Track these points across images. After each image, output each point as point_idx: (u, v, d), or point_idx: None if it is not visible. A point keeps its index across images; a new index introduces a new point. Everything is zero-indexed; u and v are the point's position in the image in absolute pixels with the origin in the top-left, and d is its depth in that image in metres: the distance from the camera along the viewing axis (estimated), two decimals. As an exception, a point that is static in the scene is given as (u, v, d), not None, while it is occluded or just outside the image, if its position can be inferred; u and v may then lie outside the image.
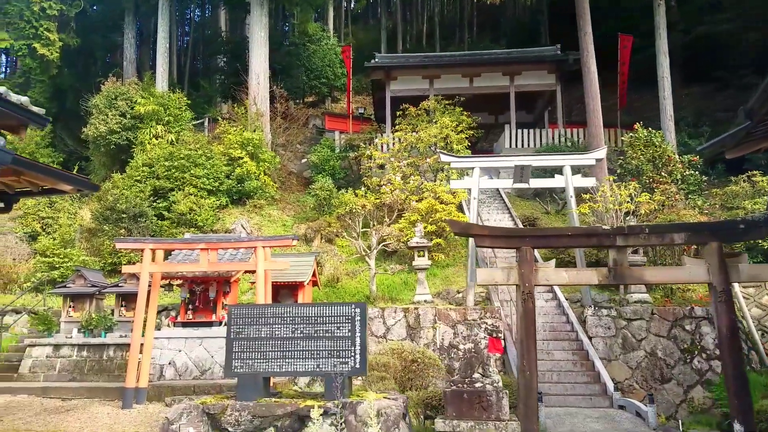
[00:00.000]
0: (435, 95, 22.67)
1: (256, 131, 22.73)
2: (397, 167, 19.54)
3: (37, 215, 19.82)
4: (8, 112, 6.91)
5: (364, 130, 24.84)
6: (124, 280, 14.48)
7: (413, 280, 17.11)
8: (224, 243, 11.85)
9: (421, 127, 20.76)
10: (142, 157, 21.30)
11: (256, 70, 24.32)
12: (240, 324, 8.14)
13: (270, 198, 22.11)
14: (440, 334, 12.54)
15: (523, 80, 25.04)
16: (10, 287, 17.39)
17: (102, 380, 13.26)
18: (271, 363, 7.94)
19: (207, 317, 14.25)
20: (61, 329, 14.30)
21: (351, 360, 7.70)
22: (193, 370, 13.29)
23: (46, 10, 24.88)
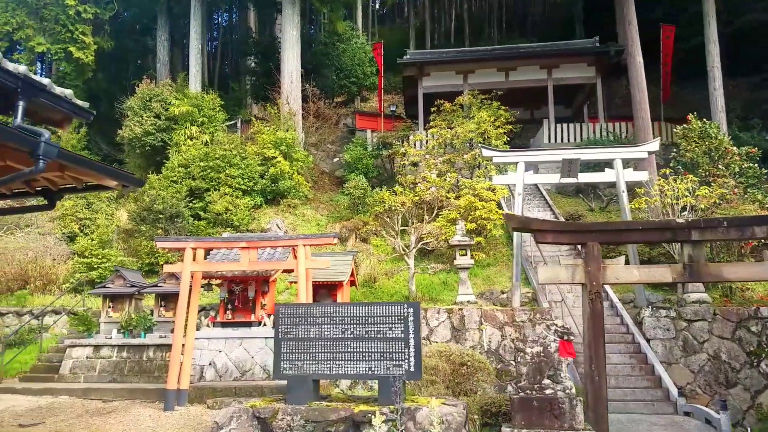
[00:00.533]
0: (469, 91, 22.13)
1: (289, 131, 22.54)
2: (433, 164, 19.07)
3: (75, 216, 19.91)
4: (53, 105, 6.67)
5: (397, 127, 24.43)
6: (164, 280, 14.34)
7: (453, 280, 16.64)
8: (265, 241, 11.56)
9: (457, 123, 20.25)
10: (177, 158, 21.29)
11: (289, 69, 24.12)
12: (288, 324, 7.81)
13: (303, 197, 21.88)
14: (487, 336, 12.04)
15: (562, 73, 24.31)
16: (50, 288, 17.45)
17: (142, 381, 13.11)
18: (321, 365, 7.59)
19: (246, 317, 14.02)
20: (101, 330, 14.21)
21: (405, 363, 7.30)
22: (233, 371, 13.04)
23: (81, 14, 25.11)
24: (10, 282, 17.28)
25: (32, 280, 17.27)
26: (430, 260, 17.30)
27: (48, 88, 6.44)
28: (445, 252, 17.51)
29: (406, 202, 14.40)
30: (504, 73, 24.92)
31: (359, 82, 32.51)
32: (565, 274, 7.31)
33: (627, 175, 13.47)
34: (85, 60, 25.77)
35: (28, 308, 15.95)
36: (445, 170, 18.86)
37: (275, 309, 7.96)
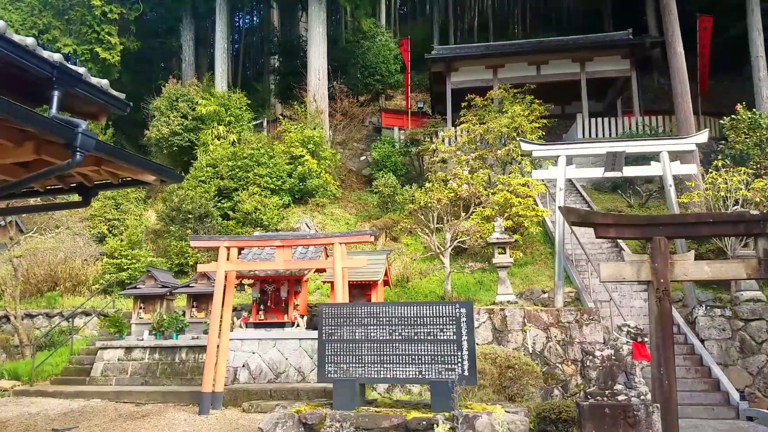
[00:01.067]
0: (499, 85, 21.58)
1: (316, 129, 22.27)
2: (464, 161, 18.57)
3: (103, 217, 19.84)
4: (89, 96, 6.34)
5: (428, 123, 23.96)
6: (195, 281, 14.09)
7: (489, 279, 16.13)
8: (300, 239, 11.21)
9: (489, 118, 19.73)
10: (205, 157, 21.14)
11: (315, 66, 23.83)
12: (332, 324, 7.42)
13: (332, 196, 21.56)
14: (531, 337, 11.53)
15: (595, 66, 23.63)
16: (80, 289, 17.35)
17: (175, 384, 12.86)
18: (368, 368, 7.17)
19: (279, 318, 13.70)
20: (132, 331, 14.01)
21: (458, 367, 6.84)
22: (267, 372, 12.72)
23: (107, 14, 25.13)
24: (40, 283, 17.21)
25: (62, 281, 17.19)
26: (464, 259, 16.81)
27: (84, 78, 6.11)
28: (479, 251, 17.01)
29: (442, 199, 13.94)
30: (535, 67, 24.30)
31: (384, 80, 32.11)
32: (630, 271, 6.79)
33: (674, 169, 12.85)
34: (111, 60, 25.79)
35: (58, 310, 15.84)
36: (477, 166, 18.35)
37: (318, 309, 7.58)
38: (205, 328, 13.81)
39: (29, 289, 16.99)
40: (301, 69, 25.68)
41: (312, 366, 12.57)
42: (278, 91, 32.05)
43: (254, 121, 25.77)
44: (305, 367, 12.60)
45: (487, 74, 24.64)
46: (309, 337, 12.87)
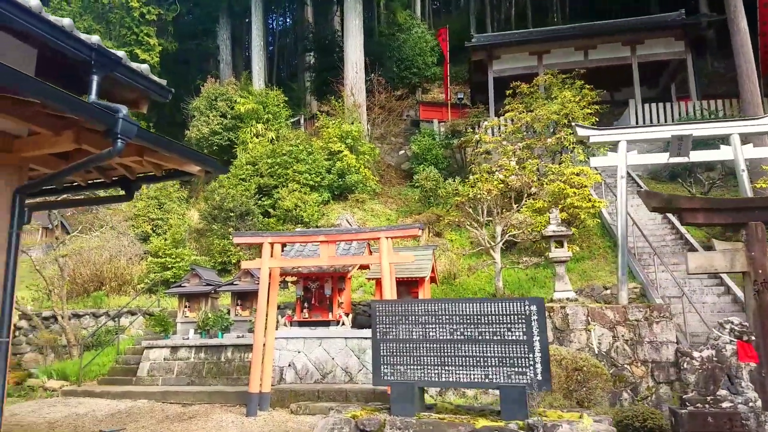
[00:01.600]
0: (547, 71, 20.65)
1: (354, 123, 21.83)
2: (511, 151, 17.78)
3: (147, 217, 19.85)
4: (128, 81, 5.96)
5: (469, 114, 23.19)
6: (239, 278, 13.80)
7: (542, 275, 15.37)
8: (345, 234, 10.73)
9: (536, 105, 18.86)
10: (244, 155, 20.97)
11: (352, 59, 23.39)
12: (386, 323, 6.89)
13: (371, 192, 21.08)
14: (595, 336, 10.76)
15: (647, 49, 22.42)
16: (125, 288, 17.35)
17: (221, 384, 12.58)
18: (427, 371, 6.62)
19: (323, 316, 13.29)
20: (177, 330, 13.83)
21: (529, 370, 6.22)
22: (313, 372, 12.31)
23: (145, 16, 25.24)
24: (86, 283, 17.27)
25: (107, 281, 17.21)
26: (514, 254, 16.07)
27: (123, 61, 5.73)
28: (529, 245, 16.25)
29: (492, 190, 13.25)
30: (582, 52, 23.23)
31: (420, 72, 31.47)
32: (722, 261, 6.06)
33: (746, 152, 11.86)
34: (150, 61, 25.90)
35: (104, 309, 15.82)
36: (525, 157, 17.54)
37: (371, 306, 7.06)
38: (249, 326, 13.52)
39: (76, 289, 17.06)
40: (338, 63, 25.28)
41: (359, 366, 12.11)
42: (314, 88, 31.77)
43: (291, 118, 25.51)
44: (352, 367, 12.14)
45: (531, 61, 23.69)
46: (355, 336, 12.42)
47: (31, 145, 5.62)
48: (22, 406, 10.85)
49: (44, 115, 5.35)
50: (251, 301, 13.78)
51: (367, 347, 12.22)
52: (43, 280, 14.92)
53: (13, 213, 5.48)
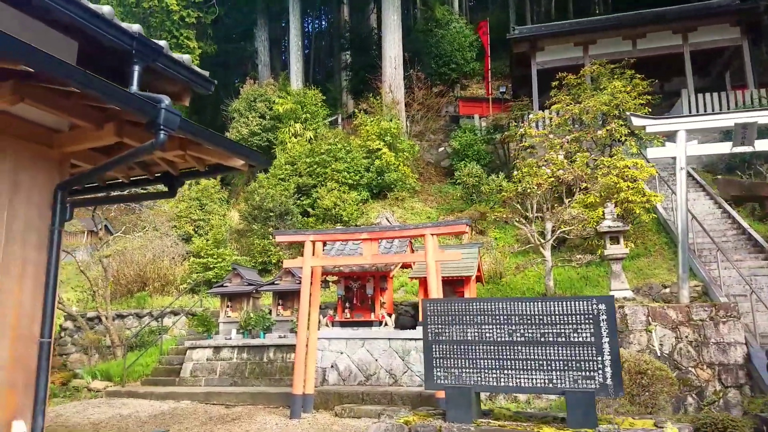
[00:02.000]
0: (595, 61, 19.84)
1: (392, 120, 21.48)
2: (558, 144, 17.10)
3: (189, 218, 19.95)
4: (170, 73, 5.72)
5: (513, 107, 22.52)
6: (280, 278, 13.60)
7: (594, 273, 14.69)
8: (388, 231, 10.36)
9: (584, 97, 18.12)
10: (283, 155, 20.88)
11: (390, 55, 23.03)
12: (438, 323, 6.48)
13: (411, 190, 20.68)
14: (657, 338, 10.10)
15: (699, 37, 21.34)
16: (168, 289, 17.41)
17: (263, 384, 12.40)
18: (485, 374, 6.18)
19: (365, 316, 12.98)
20: (220, 330, 13.72)
21: (598, 374, 5.72)
22: (357, 374, 12.00)
23: (185, 19, 25.45)
24: (130, 284, 17.41)
25: (151, 281, 17.30)
26: (562, 252, 15.44)
27: (165, 51, 5.49)
28: (579, 243, 15.59)
29: (542, 184, 12.68)
30: (630, 42, 22.27)
31: (459, 68, 30.89)
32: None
33: (818, 140, 11.01)
34: (190, 64, 26.09)
35: (147, 310, 15.88)
36: (573, 150, 16.83)
37: (421, 305, 6.68)
38: (291, 326, 13.31)
39: (119, 290, 17.20)
40: (377, 59, 24.99)
41: (404, 368, 11.73)
42: (351, 87, 31.56)
43: (329, 117, 25.33)
44: (396, 369, 11.78)
45: (577, 52, 22.84)
46: (399, 337, 12.06)
47: (72, 139, 5.43)
48: (67, 406, 10.87)
49: (85, 108, 5.14)
50: (292, 301, 13.57)
51: (411, 349, 11.85)
52: (87, 281, 15.03)
53: (55, 209, 5.30)
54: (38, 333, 5.11)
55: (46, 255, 5.21)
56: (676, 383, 8.78)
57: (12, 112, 4.95)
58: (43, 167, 5.33)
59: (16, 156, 5.03)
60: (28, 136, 5.14)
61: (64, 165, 5.55)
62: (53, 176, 5.39)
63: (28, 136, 5.14)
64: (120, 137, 5.20)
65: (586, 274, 14.83)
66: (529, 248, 14.26)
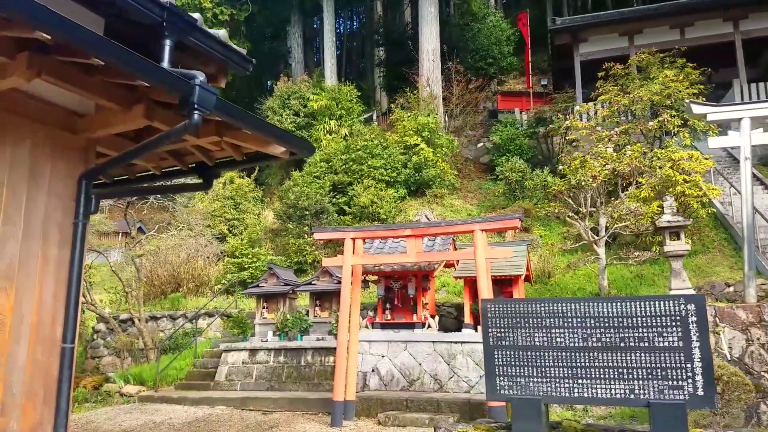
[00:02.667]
0: (643, 50, 18.79)
1: (430, 115, 20.82)
2: (606, 136, 16.16)
3: (223, 217, 19.63)
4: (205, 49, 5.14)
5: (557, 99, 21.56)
6: (317, 278, 13.06)
7: (649, 272, 13.79)
8: (434, 228, 9.70)
9: (633, 87, 17.16)
10: (318, 153, 20.42)
11: (428, 48, 22.38)
12: (501, 326, 5.78)
13: (450, 187, 19.97)
14: (726, 340, 9.20)
15: (752, 24, 20.07)
16: (202, 290, 17.08)
17: (301, 389, 11.87)
18: (555, 384, 5.46)
19: (407, 318, 12.34)
20: (256, 332, 13.26)
21: (688, 383, 4.95)
22: (399, 379, 11.36)
23: (218, 16, 25.26)
24: (163, 285, 17.13)
25: (185, 282, 17.00)
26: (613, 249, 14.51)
27: (198, 24, 4.94)
28: (631, 240, 14.66)
29: (597, 176, 11.84)
30: (678, 31, 21.14)
31: (496, 62, 30.00)
32: None
33: None
34: (223, 63, 25.90)
35: (181, 311, 15.53)
36: (623, 143, 15.89)
37: (481, 306, 5.98)
38: (329, 328, 12.76)
39: (153, 291, 16.94)
40: (413, 52, 24.37)
41: (449, 373, 11.04)
42: (384, 84, 31.01)
43: (363, 114, 24.79)
44: (441, 374, 11.10)
45: (622, 42, 21.81)
46: (444, 339, 11.37)
47: (97, 123, 4.92)
48: (98, 412, 10.50)
49: (110, 86, 4.63)
50: (330, 302, 13.02)
51: (457, 353, 11.15)
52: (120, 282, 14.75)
53: (79, 201, 4.79)
54: (60, 337, 4.61)
55: (70, 251, 4.71)
56: (753, 390, 7.90)
57: (29, 92, 4.48)
58: (66, 155, 4.84)
59: (35, 142, 4.54)
60: (48, 120, 4.66)
61: (89, 153, 5.06)
62: (77, 165, 4.90)
63: (48, 120, 4.66)
64: (149, 120, 4.68)
65: (639, 272, 13.94)
66: (580, 246, 13.42)
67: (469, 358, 10.99)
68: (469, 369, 10.89)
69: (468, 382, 10.79)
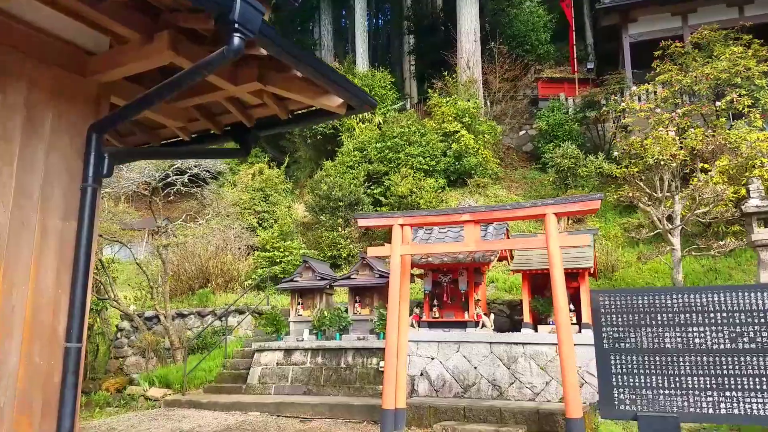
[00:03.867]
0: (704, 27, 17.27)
1: (470, 100, 19.57)
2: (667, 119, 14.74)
3: (252, 209, 18.64)
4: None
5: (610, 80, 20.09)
6: (356, 271, 11.93)
7: (723, 266, 12.41)
8: (497, 212, 8.46)
9: (694, 66, 15.69)
10: (351, 142, 19.34)
11: (467, 29, 21.16)
12: (618, 324, 4.56)
13: (493, 176, 18.68)
14: None
15: (820, -1, 18.46)
16: (232, 285, 16.09)
17: (342, 394, 10.74)
18: (694, 398, 4.22)
19: (458, 316, 11.14)
20: (290, 330, 12.18)
21: None
22: (452, 384, 10.16)
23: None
24: (191, 280, 16.19)
25: (213, 277, 16.02)
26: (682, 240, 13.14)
27: None
28: (699, 231, 13.26)
29: (678, 155, 10.48)
30: (737, 9, 19.54)
31: (533, 50, 28.59)
32: None
33: None
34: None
35: (210, 308, 14.54)
36: (685, 125, 14.46)
37: (592, 299, 4.77)
38: (370, 326, 11.62)
39: (180, 287, 16.02)
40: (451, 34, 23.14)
41: (510, 378, 9.80)
42: (417, 73, 29.83)
43: (397, 102, 23.61)
44: (501, 379, 9.86)
45: (675, 22, 20.27)
46: (503, 340, 10.14)
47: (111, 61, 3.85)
48: (120, 418, 9.50)
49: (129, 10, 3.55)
50: (372, 298, 11.89)
51: (518, 355, 9.90)
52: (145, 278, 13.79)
53: (87, 159, 3.71)
54: (63, 334, 3.54)
55: (76, 224, 3.64)
56: None
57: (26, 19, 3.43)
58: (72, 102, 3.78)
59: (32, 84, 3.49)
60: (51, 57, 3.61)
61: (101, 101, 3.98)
62: (86, 114, 3.83)
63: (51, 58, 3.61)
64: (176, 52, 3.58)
65: (713, 265, 12.55)
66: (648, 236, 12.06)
67: (532, 362, 9.73)
68: (533, 374, 9.64)
69: (532, 389, 9.54)
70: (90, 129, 3.76)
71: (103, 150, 3.80)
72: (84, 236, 3.60)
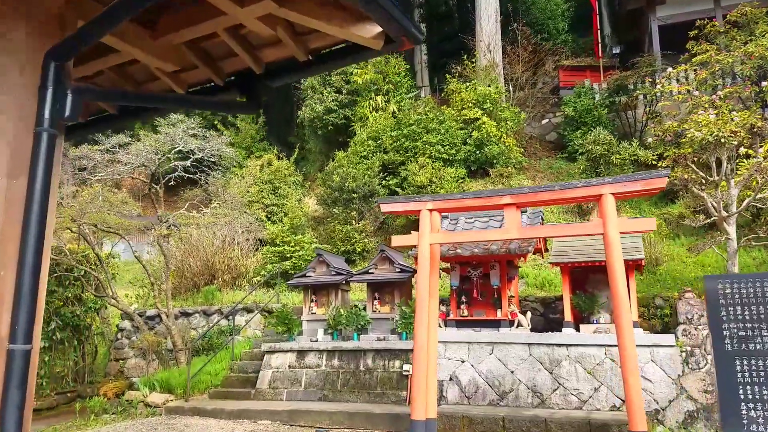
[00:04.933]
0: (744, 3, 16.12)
1: (491, 85, 18.48)
2: (707, 102, 13.61)
3: (261, 203, 17.64)
4: None
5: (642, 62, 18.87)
6: (374, 265, 10.87)
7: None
8: (543, 193, 7.37)
9: (735, 45, 14.54)
10: (364, 131, 18.29)
11: (488, 10, 20.08)
12: (741, 320, 3.53)
13: (517, 165, 17.57)
14: None
15: None
16: (239, 282, 15.06)
17: (361, 400, 9.69)
18: None
19: (489, 314, 10.08)
20: (303, 330, 11.13)
21: None
22: (486, 390, 9.08)
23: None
24: (195, 277, 15.16)
25: (219, 273, 14.99)
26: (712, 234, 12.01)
27: None
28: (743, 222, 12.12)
29: (738, 132, 9.37)
30: (776, -15, 18.38)
31: (551, 38, 27.50)
32: None
33: None
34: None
35: (216, 306, 13.52)
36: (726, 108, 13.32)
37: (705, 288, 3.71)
38: (390, 325, 10.56)
39: (184, 284, 15.01)
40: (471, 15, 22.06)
41: (553, 384, 8.71)
42: (430, 63, 28.75)
43: (412, 90, 22.53)
44: (542, 385, 8.77)
45: (706, 3, 19.18)
46: (543, 342, 9.05)
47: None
48: (117, 427, 8.49)
49: None
50: (392, 294, 10.83)
51: (561, 358, 8.80)
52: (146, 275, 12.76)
53: (43, 96, 2.68)
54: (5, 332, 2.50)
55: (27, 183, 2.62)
56: None
57: None
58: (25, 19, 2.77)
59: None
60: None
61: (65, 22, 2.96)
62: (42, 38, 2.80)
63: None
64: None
65: (765, 258, 11.41)
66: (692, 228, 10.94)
67: (578, 365, 8.63)
68: (579, 379, 8.55)
69: (578, 396, 8.45)
70: (47, 55, 2.71)
71: (66, 85, 2.75)
72: (37, 199, 2.57)
